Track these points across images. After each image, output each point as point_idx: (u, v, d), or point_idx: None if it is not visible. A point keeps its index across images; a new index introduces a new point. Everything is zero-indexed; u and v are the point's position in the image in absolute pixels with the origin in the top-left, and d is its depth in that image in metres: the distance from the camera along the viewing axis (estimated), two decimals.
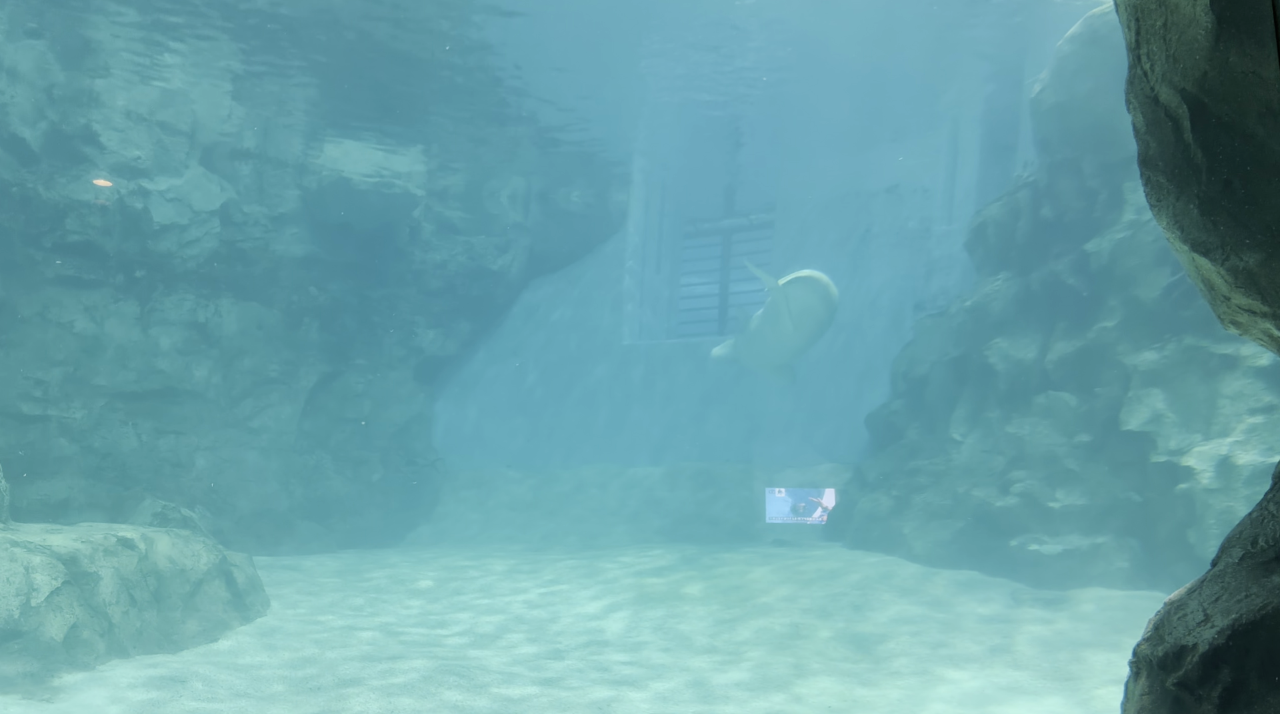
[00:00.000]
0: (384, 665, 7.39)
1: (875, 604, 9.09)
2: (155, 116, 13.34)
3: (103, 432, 12.97)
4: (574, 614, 9.41)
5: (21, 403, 12.40)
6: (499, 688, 6.91)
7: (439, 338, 16.91)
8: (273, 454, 14.51)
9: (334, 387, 15.63)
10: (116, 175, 13.06)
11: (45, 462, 12.33)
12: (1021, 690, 7.08)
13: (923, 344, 13.22)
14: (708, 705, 6.73)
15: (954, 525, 10.87)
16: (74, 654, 6.92)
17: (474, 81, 14.29)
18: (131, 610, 7.66)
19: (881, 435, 13.37)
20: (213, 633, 8.29)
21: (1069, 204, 11.10)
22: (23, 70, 12.13)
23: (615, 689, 7.03)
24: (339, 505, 15.02)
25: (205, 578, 8.73)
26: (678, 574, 10.73)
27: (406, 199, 15.81)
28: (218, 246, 14.02)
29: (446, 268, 16.74)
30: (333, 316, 15.60)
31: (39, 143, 12.47)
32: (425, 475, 16.30)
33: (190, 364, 13.82)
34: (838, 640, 8.23)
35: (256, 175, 14.69)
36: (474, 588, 10.76)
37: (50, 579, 7.00)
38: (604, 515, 15.32)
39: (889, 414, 13.33)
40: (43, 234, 12.64)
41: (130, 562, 7.93)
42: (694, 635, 8.55)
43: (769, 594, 9.66)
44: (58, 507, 11.75)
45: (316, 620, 9.05)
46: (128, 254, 13.27)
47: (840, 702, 6.87)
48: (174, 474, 13.43)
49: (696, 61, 14.10)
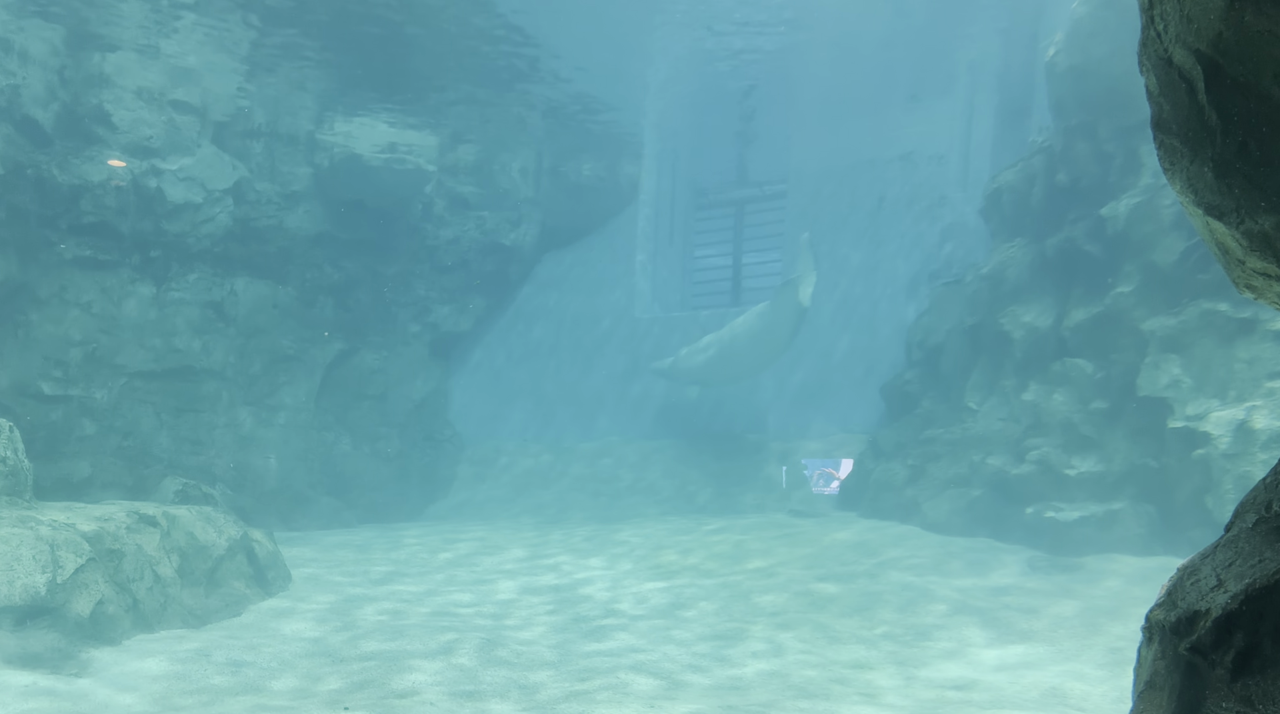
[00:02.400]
0: (404, 636, 7.49)
1: (889, 572, 9.13)
2: (167, 95, 13.35)
3: (123, 411, 13.11)
4: (592, 584, 9.49)
5: (43, 383, 12.54)
6: (519, 659, 7.00)
7: (453, 313, 16.95)
8: (291, 431, 14.63)
9: (350, 363, 15.72)
10: (130, 155, 13.10)
11: (67, 441, 12.48)
12: (1037, 656, 7.11)
13: (938, 313, 13.16)
14: (722, 670, 6.80)
15: (970, 494, 10.88)
16: (100, 630, 7.04)
17: (483, 54, 14.21)
18: (155, 586, 7.78)
19: (896, 405, 13.35)
20: (235, 607, 8.42)
21: (1085, 169, 10.98)
22: (33, 52, 12.15)
23: (626, 657, 7.10)
24: (358, 481, 15.16)
25: (227, 554, 8.85)
26: (694, 544, 10.80)
27: (418, 175, 15.79)
28: (231, 225, 14.07)
29: (459, 243, 16.75)
30: (347, 294, 15.65)
31: (51, 124, 12.51)
32: (442, 450, 16.42)
33: (207, 343, 13.93)
34: (851, 608, 8.27)
35: (268, 153, 14.70)
36: (492, 560, 10.86)
37: (75, 557, 7.11)
38: (620, 487, 15.40)
39: (904, 383, 13.30)
40: (58, 216, 12.72)
41: (153, 539, 8.04)
42: (708, 603, 8.61)
43: (785, 563, 9.71)
44: (81, 486, 11.91)
45: (337, 594, 9.17)
46: (143, 234, 13.34)
47: (853, 669, 6.92)
48: (194, 452, 13.58)
49: (706, 30, 13.97)
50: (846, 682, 6.64)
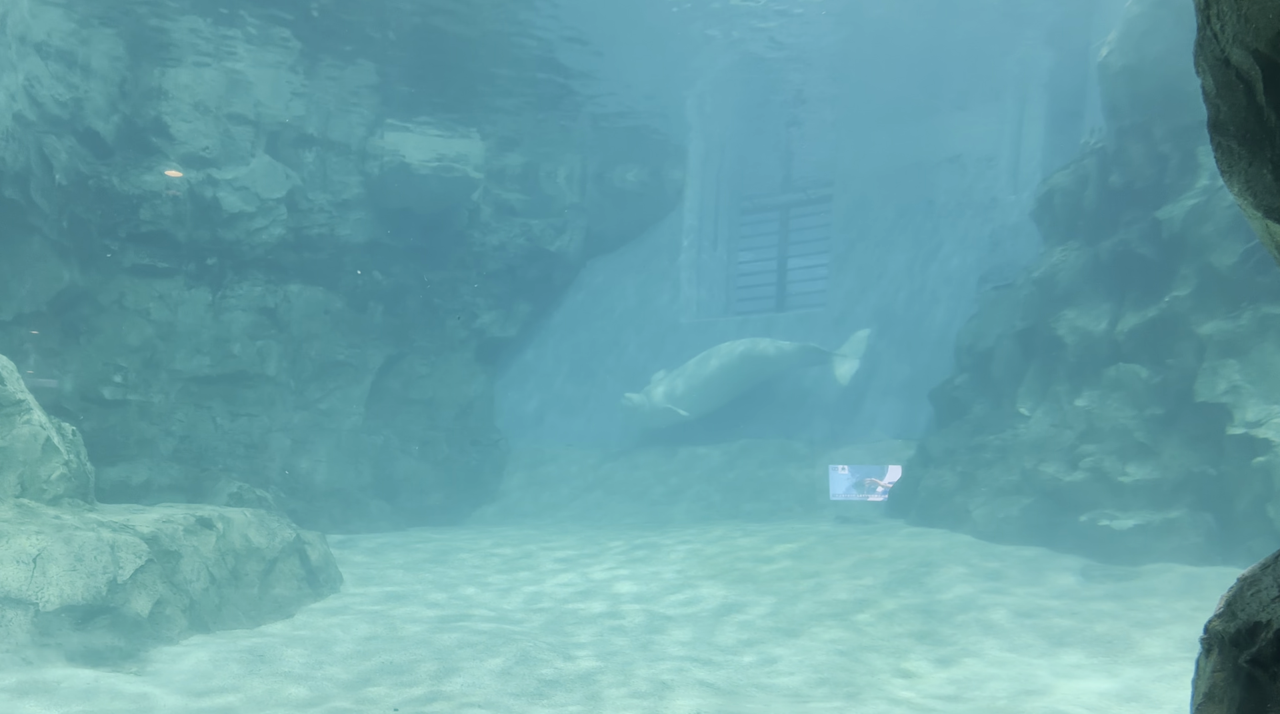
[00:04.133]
0: (453, 639, 7.57)
1: (939, 581, 9.02)
2: (222, 107, 13.67)
3: (180, 415, 13.43)
4: (636, 590, 9.50)
5: (103, 388, 12.90)
6: (565, 664, 7.03)
7: (499, 319, 17.11)
8: (342, 435, 14.87)
9: (398, 368, 15.94)
10: (186, 166, 13.44)
11: (127, 445, 12.82)
12: (1092, 666, 6.97)
13: (988, 317, 12.98)
14: (768, 678, 6.76)
15: (1021, 501, 10.70)
16: (158, 629, 7.21)
17: (529, 62, 14.34)
18: (211, 587, 7.95)
19: (946, 411, 13.18)
20: (288, 609, 8.57)
21: (1139, 170, 10.77)
22: (96, 66, 12.52)
23: (672, 664, 7.10)
24: (406, 484, 15.36)
25: (280, 556, 9.02)
26: (740, 551, 10.77)
27: (465, 182, 15.98)
28: (284, 233, 14.37)
29: (505, 250, 16.91)
30: (396, 300, 15.88)
31: (112, 136, 12.88)
32: (488, 454, 16.56)
33: (261, 349, 14.23)
34: (901, 617, 8.18)
35: (320, 163, 14.99)
36: (540, 564, 10.92)
37: (135, 558, 7.30)
38: (665, 493, 15.40)
39: (953, 389, 13.13)
40: (118, 224, 13.09)
41: (209, 541, 8.23)
42: (756, 610, 8.57)
43: (832, 570, 9.64)
44: (139, 488, 12.23)
45: (387, 596, 9.29)
46: (199, 242, 13.67)
47: (900, 677, 6.84)
48: (248, 455, 13.86)
49: (751, 34, 13.96)
50: (891, 693, 6.57)
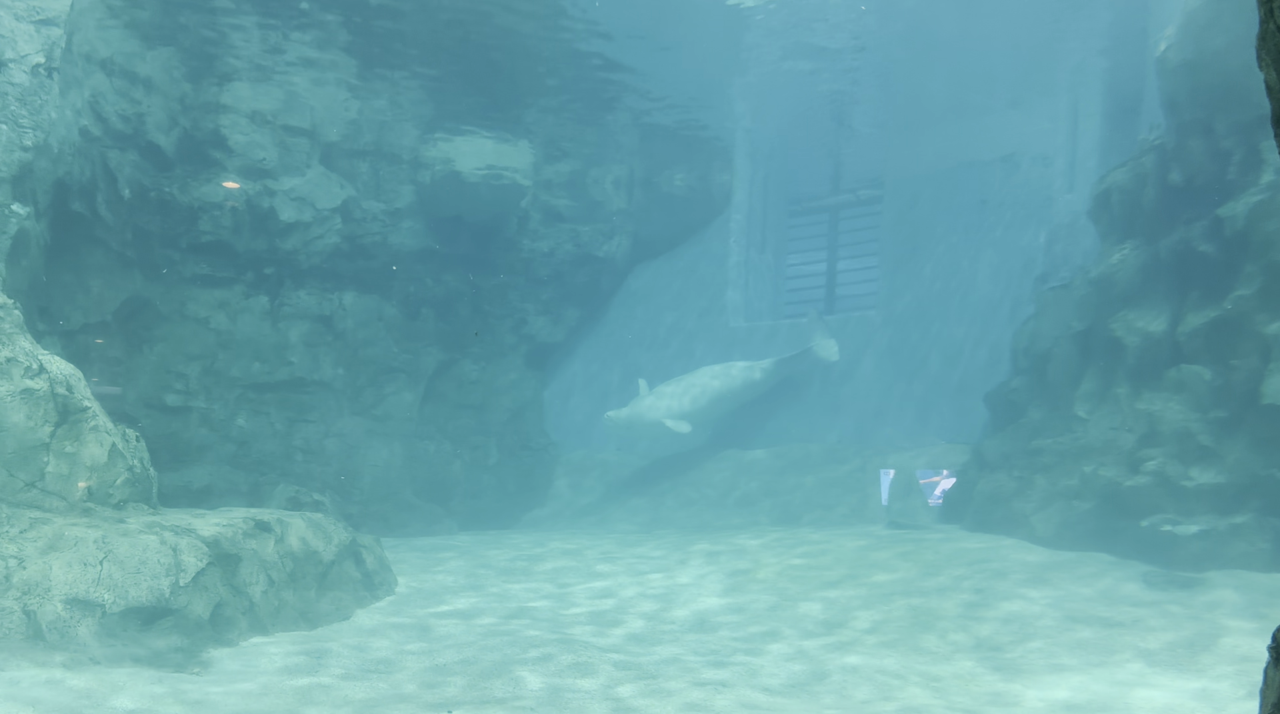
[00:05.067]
0: (507, 641, 7.63)
1: (997, 588, 8.87)
2: (278, 119, 13.98)
3: (239, 421, 13.74)
4: (687, 595, 9.49)
5: (165, 395, 13.25)
6: (615, 669, 7.05)
7: (548, 325, 17.23)
8: (396, 440, 15.09)
9: (450, 374, 16.13)
10: (244, 177, 13.76)
11: (188, 450, 13.15)
12: (1154, 675, 6.80)
13: (1045, 318, 12.75)
14: (819, 684, 6.71)
15: (1080, 506, 10.48)
16: (219, 631, 7.37)
17: (577, 67, 14.44)
18: (270, 590, 8.11)
19: (1002, 414, 12.97)
20: (345, 611, 8.71)
21: (1200, 167, 10.49)
22: (157, 81, 12.88)
23: (717, 671, 7.08)
24: (459, 489, 15.52)
25: (337, 559, 9.17)
26: (793, 557, 10.69)
27: (515, 190, 16.12)
28: (339, 242, 14.64)
29: (554, 256, 17.03)
30: (448, 306, 16.09)
31: (173, 149, 13.23)
32: (538, 459, 16.67)
33: (317, 356, 14.50)
34: (958, 625, 8.06)
35: (373, 172, 15.25)
36: (591, 569, 10.96)
37: (196, 561, 7.47)
38: (715, 499, 15.36)
39: (1009, 392, 12.91)
40: (179, 235, 13.44)
41: (268, 544, 8.39)
42: (811, 618, 8.51)
43: (887, 577, 9.53)
44: (200, 493, 12.53)
45: (442, 599, 9.39)
46: (257, 252, 13.98)
47: (957, 682, 6.74)
48: (305, 461, 14.13)
49: (798, 36, 13.89)
50: (952, 703, 6.47)
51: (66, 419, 7.87)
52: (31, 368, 7.80)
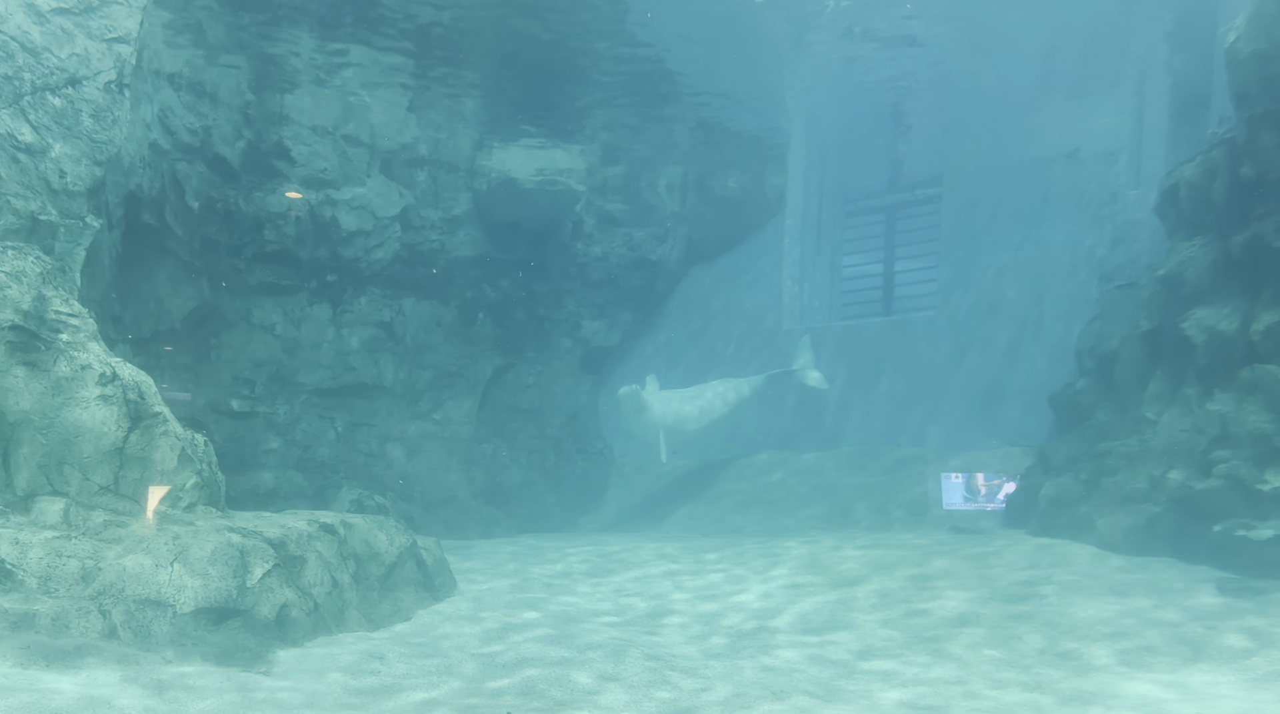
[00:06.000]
0: (566, 644, 7.67)
1: (1063, 594, 8.67)
2: (339, 130, 14.30)
3: (303, 426, 14.06)
4: (743, 600, 9.45)
5: (232, 401, 13.61)
6: (673, 671, 7.05)
7: (602, 329, 17.31)
8: (454, 444, 15.30)
9: (507, 378, 16.30)
10: (306, 187, 14.09)
11: (254, 454, 13.49)
12: (1229, 684, 6.59)
13: (1111, 318, 12.45)
14: (884, 692, 6.63)
15: (1149, 510, 10.20)
16: (285, 631, 7.53)
17: (630, 73, 14.49)
18: (334, 591, 8.27)
19: (1067, 416, 12.69)
20: (406, 612, 8.83)
21: (1273, 160, 10.13)
22: (222, 94, 13.25)
23: (782, 675, 7.03)
24: (516, 492, 15.68)
25: (398, 561, 9.31)
26: (851, 561, 10.58)
27: (569, 195, 16.25)
28: (399, 250, 14.91)
29: (608, 260, 17.11)
30: (504, 312, 16.26)
31: (238, 160, 13.59)
32: (594, 462, 16.76)
33: (378, 361, 14.79)
34: (1023, 633, 7.90)
35: (431, 181, 15.50)
36: (649, 571, 10.97)
37: (263, 562, 7.65)
38: (771, 502, 15.26)
39: (1074, 393, 12.63)
40: (245, 244, 13.80)
41: (331, 546, 8.55)
42: (869, 624, 8.41)
43: (947, 583, 9.38)
44: (266, 496, 12.84)
45: (501, 601, 9.48)
46: (319, 260, 14.31)
47: (1025, 691, 6.60)
48: (367, 464, 14.40)
49: (853, 34, 13.76)
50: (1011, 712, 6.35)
51: (138, 425, 8.12)
52: (105, 375, 8.07)
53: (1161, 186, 12.10)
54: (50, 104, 8.97)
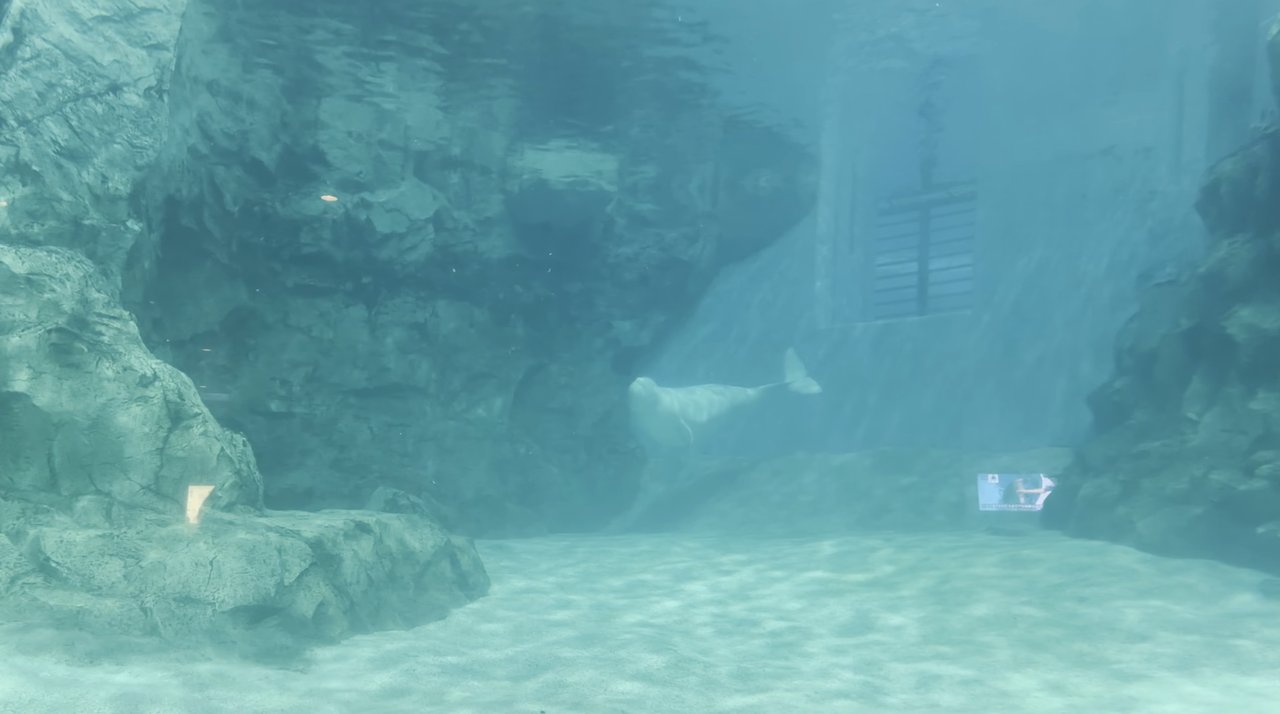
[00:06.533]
0: (600, 644, 7.69)
1: (1101, 597, 8.55)
2: (373, 134, 14.45)
3: (339, 426, 14.22)
4: (776, 601, 9.42)
5: (270, 401, 13.79)
6: (706, 671, 7.04)
7: (634, 329, 17.34)
8: (487, 444, 15.40)
9: (539, 379, 16.38)
10: (341, 190, 14.24)
11: (291, 454, 13.65)
12: (1275, 690, 6.46)
13: (1150, 316, 12.26)
14: (919, 696, 6.57)
15: (1190, 511, 10.02)
16: (322, 629, 7.61)
17: (661, 74, 14.50)
18: (370, 590, 8.35)
19: (1105, 416, 12.51)
20: (441, 611, 8.90)
21: None
22: (259, 99, 13.43)
23: (809, 681, 7.00)
24: (549, 491, 15.74)
25: (433, 560, 9.39)
26: (883, 562, 10.51)
27: (600, 196, 16.30)
28: (432, 251, 15.05)
29: (639, 260, 17.14)
30: (536, 312, 16.34)
31: (275, 164, 13.76)
32: (626, 462, 16.78)
33: (413, 362, 14.92)
34: (1060, 636, 7.80)
35: (464, 183, 15.62)
36: (681, 571, 10.97)
37: (300, 561, 7.73)
38: (803, 502, 15.19)
39: (1113, 393, 12.45)
40: (282, 247, 13.98)
41: (367, 545, 8.63)
42: (904, 625, 8.35)
43: (983, 584, 9.28)
44: (303, 495, 12.99)
45: (534, 600, 9.53)
46: (355, 262, 14.47)
47: (1066, 701, 6.52)
48: (402, 464, 14.53)
49: (888, 30, 13.67)
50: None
51: (178, 425, 8.25)
52: (145, 376, 8.21)
53: (1202, 182, 11.90)
54: (92, 110, 9.14)
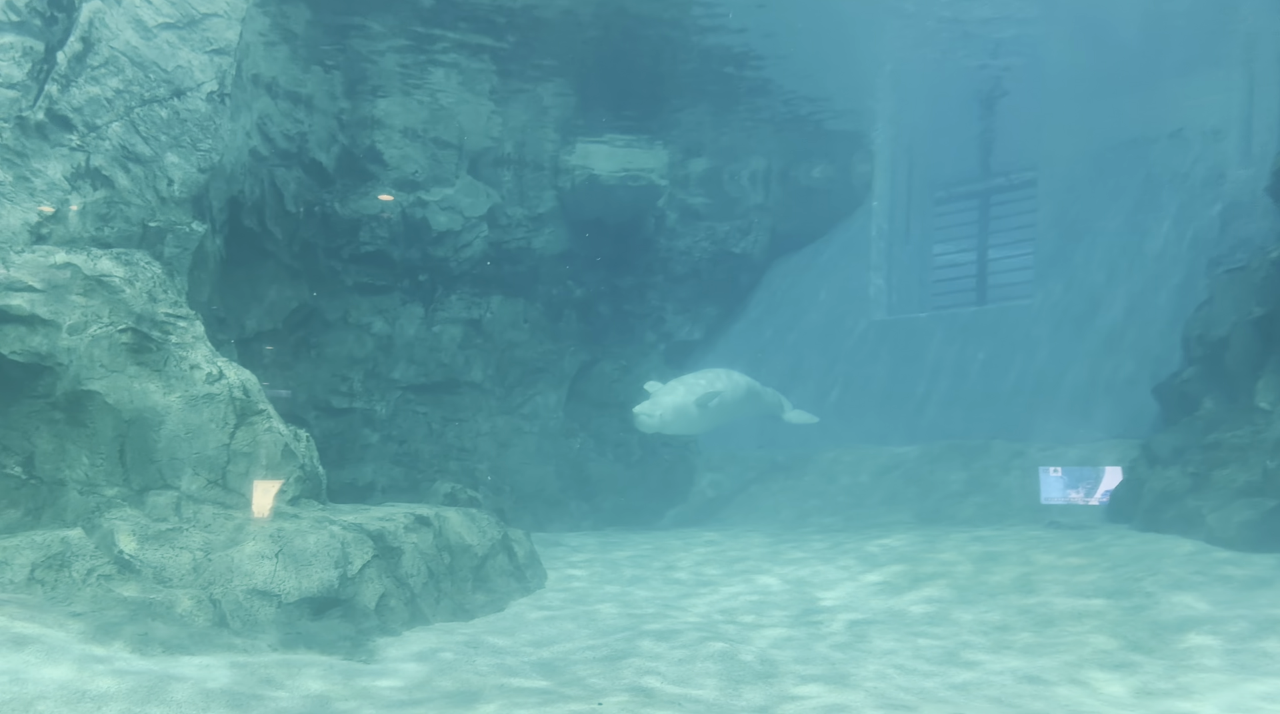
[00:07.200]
0: (655, 636, 7.71)
1: (1170, 593, 8.33)
2: (428, 133, 14.63)
3: (399, 421, 14.46)
4: (836, 595, 9.35)
5: (332, 398, 14.07)
6: (763, 665, 7.02)
7: (686, 323, 17.32)
8: (542, 438, 15.52)
9: (592, 373, 16.45)
10: (398, 189, 14.45)
11: (353, 449, 13.92)
12: None
13: (1220, 304, 11.89)
14: (979, 692, 6.48)
15: (1264, 504, 9.71)
16: (383, 621, 7.75)
17: (712, 67, 14.43)
18: (429, 582, 8.48)
19: (1173, 407, 12.18)
20: (499, 603, 9.00)
21: None
22: (317, 101, 13.67)
23: (888, 675, 6.93)
24: (603, 485, 15.81)
25: (490, 552, 9.50)
26: (942, 556, 10.36)
27: (651, 190, 16.30)
28: (486, 248, 15.20)
29: (691, 254, 17.11)
30: (589, 307, 16.41)
31: (333, 165, 14.01)
32: (680, 456, 16.78)
33: (468, 358, 15.11)
34: (1126, 634, 7.62)
35: (517, 180, 15.74)
36: (735, 564, 10.95)
37: (362, 554, 7.89)
38: (859, 496, 15.05)
39: (1181, 383, 12.11)
40: (341, 247, 14.24)
41: (427, 538, 8.77)
42: (970, 620, 8.23)
43: (1050, 579, 9.11)
44: (365, 489, 13.24)
45: (590, 593, 9.59)
46: (411, 260, 14.68)
47: (1136, 700, 6.37)
48: (459, 458, 14.73)
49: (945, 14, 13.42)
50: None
51: (244, 421, 8.45)
52: (212, 374, 8.42)
53: (1274, 166, 11.52)
54: (158, 115, 9.39)
